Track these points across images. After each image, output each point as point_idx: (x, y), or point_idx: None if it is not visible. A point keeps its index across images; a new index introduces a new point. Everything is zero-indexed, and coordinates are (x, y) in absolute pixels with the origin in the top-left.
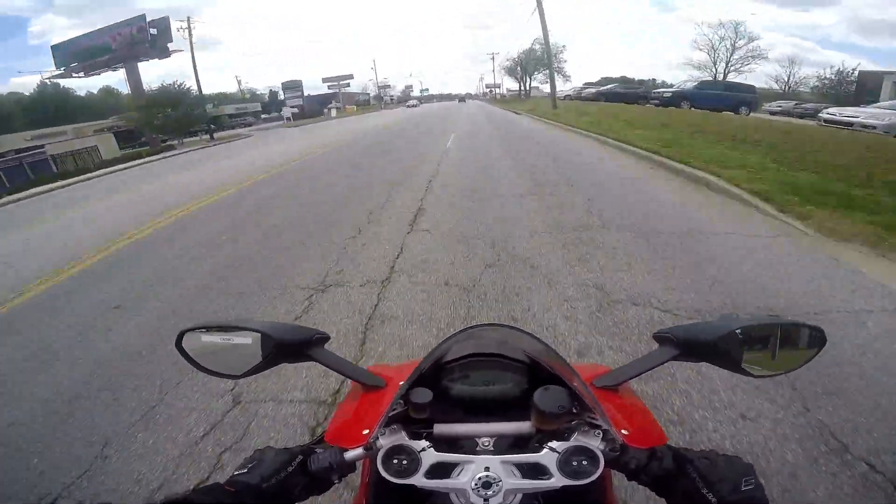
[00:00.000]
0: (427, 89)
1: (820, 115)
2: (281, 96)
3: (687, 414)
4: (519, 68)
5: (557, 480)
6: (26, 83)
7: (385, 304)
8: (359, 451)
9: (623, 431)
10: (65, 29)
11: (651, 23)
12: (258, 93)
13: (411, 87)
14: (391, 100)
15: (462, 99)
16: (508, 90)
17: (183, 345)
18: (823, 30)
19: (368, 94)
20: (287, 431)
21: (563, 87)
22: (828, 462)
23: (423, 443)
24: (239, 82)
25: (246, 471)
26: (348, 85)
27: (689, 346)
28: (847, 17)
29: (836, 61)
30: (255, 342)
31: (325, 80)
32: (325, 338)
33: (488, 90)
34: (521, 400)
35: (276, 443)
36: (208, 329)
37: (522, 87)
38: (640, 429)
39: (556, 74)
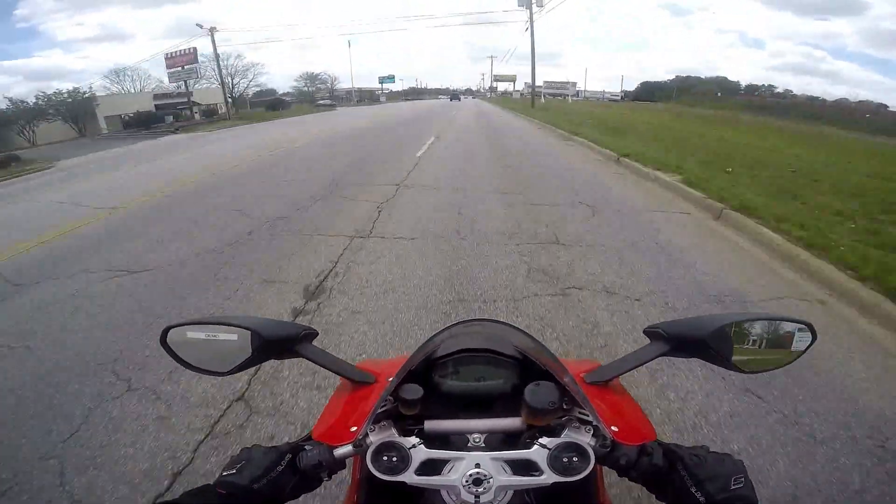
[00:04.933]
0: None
1: None
2: None
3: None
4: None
5: (548, 477)
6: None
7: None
8: (348, 448)
9: (613, 428)
10: (53, 13)
11: None
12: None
13: (331, 79)
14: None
15: (455, 96)
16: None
17: (168, 341)
18: (839, 39)
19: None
20: None
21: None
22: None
23: (414, 439)
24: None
25: (235, 471)
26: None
27: (679, 341)
28: (864, 28)
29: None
30: (242, 339)
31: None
32: (314, 334)
33: (494, 85)
34: (513, 395)
35: None
36: (194, 325)
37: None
38: (629, 425)
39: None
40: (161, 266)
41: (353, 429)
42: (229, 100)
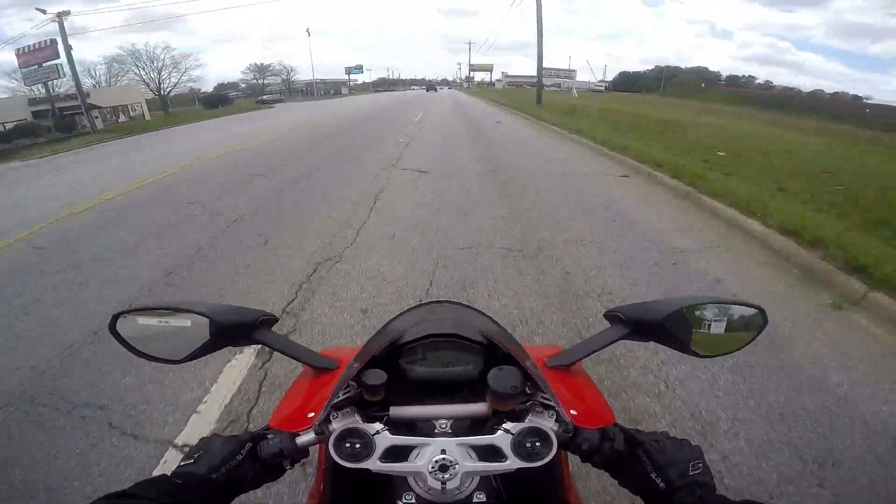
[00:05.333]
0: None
1: None
2: None
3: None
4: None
5: (512, 462)
6: None
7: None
8: (310, 435)
9: (572, 412)
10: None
11: None
12: None
13: (286, 70)
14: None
15: (432, 87)
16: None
17: (118, 328)
18: (804, 31)
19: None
20: None
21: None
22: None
23: (378, 425)
24: None
25: (192, 461)
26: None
27: (638, 325)
28: (829, 20)
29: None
30: (196, 325)
31: None
32: (273, 319)
33: (471, 75)
34: (480, 381)
35: None
36: (145, 311)
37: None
38: (588, 408)
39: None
40: None
41: (311, 415)
42: (147, 98)
